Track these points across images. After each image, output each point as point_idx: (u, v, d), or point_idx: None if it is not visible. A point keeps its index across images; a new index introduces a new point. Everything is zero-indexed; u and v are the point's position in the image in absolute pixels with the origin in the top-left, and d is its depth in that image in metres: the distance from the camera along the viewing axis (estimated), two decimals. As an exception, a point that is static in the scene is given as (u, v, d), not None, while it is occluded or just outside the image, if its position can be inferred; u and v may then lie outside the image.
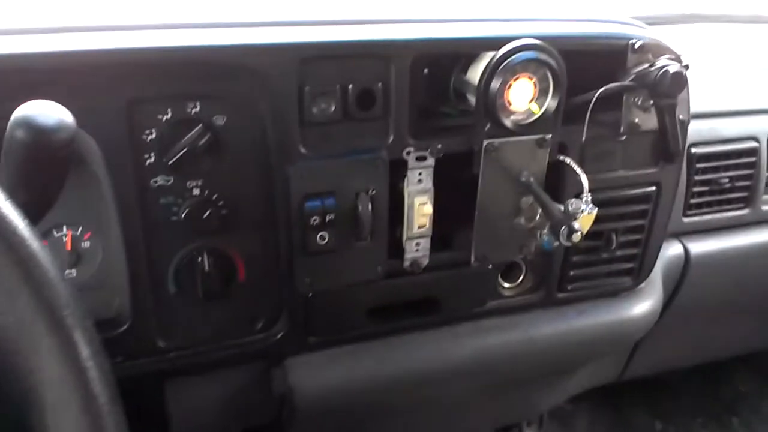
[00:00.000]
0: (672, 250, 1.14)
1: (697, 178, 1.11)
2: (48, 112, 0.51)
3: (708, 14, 1.52)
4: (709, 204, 1.14)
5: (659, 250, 1.01)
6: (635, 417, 1.75)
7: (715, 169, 1.12)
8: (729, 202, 1.16)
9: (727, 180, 1.13)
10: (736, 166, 1.14)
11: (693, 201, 1.12)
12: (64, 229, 0.77)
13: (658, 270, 1.10)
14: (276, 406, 0.91)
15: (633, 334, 1.11)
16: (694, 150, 1.09)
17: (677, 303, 1.20)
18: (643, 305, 1.06)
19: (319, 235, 0.77)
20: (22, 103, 0.51)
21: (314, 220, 0.76)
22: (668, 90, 0.79)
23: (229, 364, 0.86)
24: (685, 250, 1.15)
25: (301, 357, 0.88)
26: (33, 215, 0.52)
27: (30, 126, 0.49)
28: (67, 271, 0.78)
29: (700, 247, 1.16)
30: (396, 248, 0.84)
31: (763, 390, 1.80)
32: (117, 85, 0.67)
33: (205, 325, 0.81)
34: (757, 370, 1.82)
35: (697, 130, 1.08)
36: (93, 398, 0.39)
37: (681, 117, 0.86)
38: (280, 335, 0.84)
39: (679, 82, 0.79)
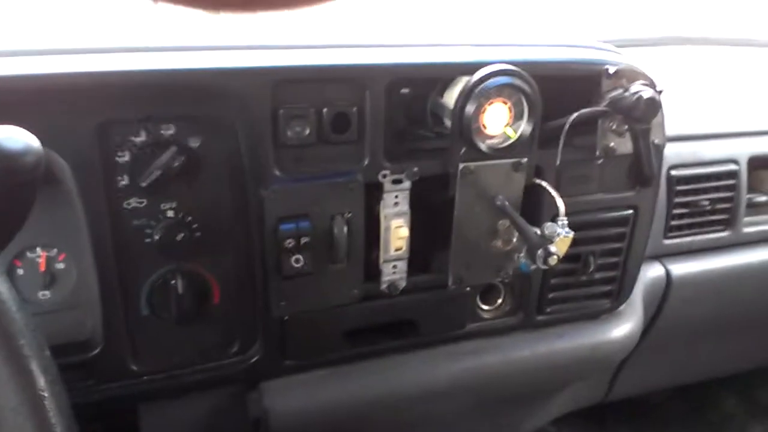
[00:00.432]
0: (653, 271, 1.14)
1: (677, 200, 1.11)
2: (14, 136, 0.51)
3: (691, 37, 1.53)
4: (689, 226, 1.15)
5: (638, 273, 1.02)
6: (622, 439, 1.74)
7: (696, 192, 1.13)
8: (710, 224, 1.16)
9: (707, 202, 1.14)
10: (717, 189, 1.14)
11: (674, 223, 1.13)
12: (38, 250, 0.76)
13: (639, 292, 1.10)
14: (251, 430, 0.90)
15: (613, 357, 1.10)
16: (674, 172, 1.09)
17: (659, 324, 1.20)
18: (623, 327, 1.06)
19: (293, 258, 0.77)
20: None
21: (289, 242, 0.76)
22: (642, 115, 0.80)
23: (203, 388, 0.85)
24: (667, 271, 1.16)
25: (276, 380, 0.87)
26: (-2, 241, 0.52)
27: None
28: (40, 293, 0.77)
29: (681, 268, 1.16)
30: (373, 271, 0.84)
31: (749, 411, 1.80)
32: (89, 108, 0.67)
33: (179, 349, 0.81)
34: (744, 392, 1.81)
35: (677, 152, 1.09)
36: (49, 427, 0.39)
37: (656, 141, 0.87)
38: (255, 358, 0.84)
39: (653, 107, 0.79)
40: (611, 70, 0.82)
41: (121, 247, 0.74)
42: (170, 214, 0.74)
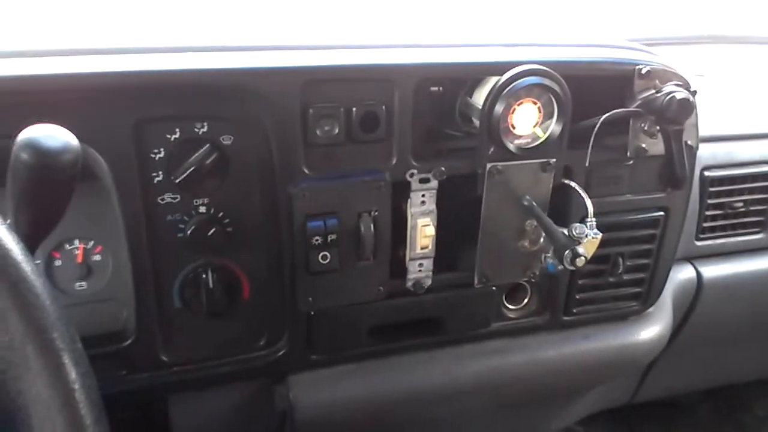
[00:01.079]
0: (684, 273, 1.13)
1: (710, 201, 1.09)
2: (53, 134, 0.53)
3: (727, 35, 1.50)
4: (722, 228, 1.13)
5: (668, 275, 1.00)
6: (649, 440, 1.72)
7: (729, 193, 1.11)
8: (743, 226, 1.14)
9: (741, 204, 1.12)
10: (751, 190, 1.12)
11: (706, 225, 1.11)
12: (76, 242, 0.79)
13: (669, 293, 1.08)
14: (278, 422, 0.92)
15: (641, 359, 1.09)
16: (707, 173, 1.08)
17: (690, 327, 1.19)
18: (652, 330, 1.04)
19: (321, 255, 0.78)
20: (33, 123, 0.53)
21: (316, 240, 0.77)
22: (675, 116, 0.79)
23: (231, 380, 0.87)
24: (698, 273, 1.14)
25: (303, 374, 0.88)
26: (36, 236, 0.54)
27: (35, 148, 0.51)
28: (77, 284, 0.80)
29: (713, 271, 1.15)
30: (399, 268, 0.85)
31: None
32: (126, 106, 0.69)
33: (208, 341, 0.83)
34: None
35: (711, 153, 1.07)
36: (79, 419, 0.40)
37: (689, 142, 0.85)
38: (282, 352, 0.85)
39: (686, 108, 0.78)
40: (643, 70, 0.81)
41: (155, 241, 0.76)
42: (202, 209, 0.76)
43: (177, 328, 0.81)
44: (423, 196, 0.80)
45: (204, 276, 0.78)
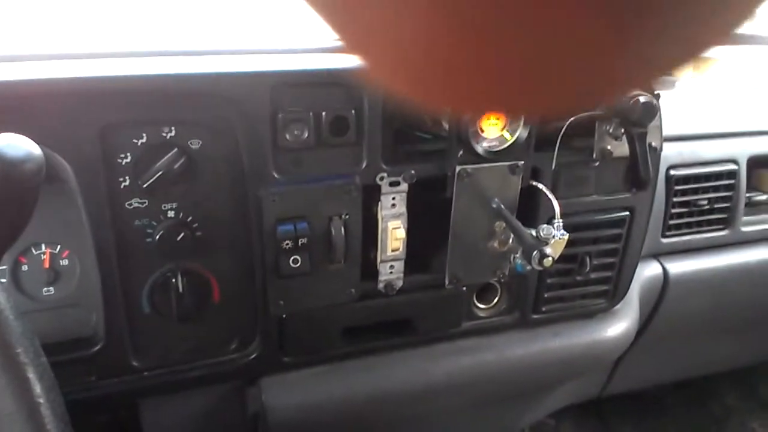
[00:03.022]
0: (650, 270, 1.15)
1: (676, 199, 1.11)
2: (15, 143, 0.52)
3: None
4: (688, 225, 1.15)
5: (634, 273, 1.02)
6: (620, 431, 1.75)
7: (695, 191, 1.13)
8: (708, 223, 1.17)
9: (706, 202, 1.14)
10: (716, 188, 1.14)
11: (672, 222, 1.13)
12: (43, 247, 0.78)
13: (635, 290, 1.11)
14: (250, 425, 0.92)
15: (609, 355, 1.11)
16: (673, 172, 1.10)
17: (656, 322, 1.21)
18: (619, 326, 1.07)
19: (291, 259, 0.78)
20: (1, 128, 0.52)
21: (287, 243, 0.77)
22: (639, 119, 0.80)
23: (203, 384, 0.87)
24: (664, 270, 1.16)
25: (275, 377, 0.89)
26: (0, 245, 0.53)
27: None
28: (44, 289, 0.79)
29: (678, 267, 1.17)
30: (370, 270, 0.85)
31: (750, 405, 1.81)
32: (91, 112, 0.68)
33: (179, 345, 0.82)
34: (744, 385, 1.82)
35: (677, 152, 1.10)
36: (44, 433, 0.40)
37: (653, 144, 0.87)
38: (254, 355, 0.85)
39: (650, 111, 0.80)
40: (609, 73, 0.82)
41: (123, 246, 0.75)
42: (171, 214, 0.76)
43: (147, 333, 0.80)
44: (393, 199, 0.81)
45: (173, 280, 0.78)
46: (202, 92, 0.71)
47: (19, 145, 0.52)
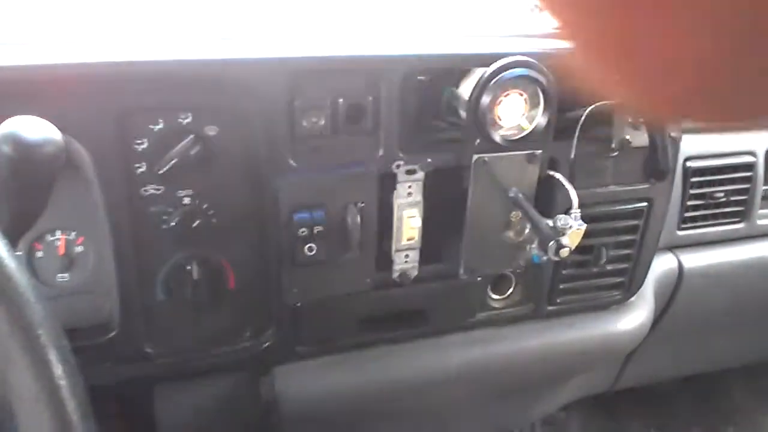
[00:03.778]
0: (666, 262, 1.14)
1: (692, 191, 1.10)
2: (35, 127, 0.52)
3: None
4: (704, 218, 1.14)
5: (650, 265, 1.01)
6: (630, 425, 1.75)
7: (711, 183, 1.12)
8: (724, 216, 1.15)
9: (722, 194, 1.13)
10: (732, 181, 1.13)
11: (688, 214, 1.12)
12: (58, 233, 0.78)
13: (650, 283, 1.10)
14: (264, 413, 0.92)
15: (622, 348, 1.11)
16: (689, 164, 1.09)
17: (670, 315, 1.20)
18: (634, 319, 1.06)
19: (307, 247, 0.77)
20: (15, 113, 0.52)
21: (303, 231, 0.76)
22: (659, 108, 0.79)
23: (216, 371, 0.87)
24: (679, 263, 1.15)
25: (289, 365, 0.88)
26: (18, 229, 0.53)
27: (17, 141, 0.50)
28: (59, 275, 0.79)
29: (694, 260, 1.16)
30: (385, 260, 0.85)
31: (759, 402, 1.80)
32: (108, 97, 0.68)
33: (193, 333, 0.82)
34: (754, 383, 1.81)
35: (693, 144, 1.08)
36: (65, 416, 0.40)
37: (672, 134, 0.86)
38: (268, 344, 0.85)
39: (670, 100, 0.79)
40: (629, 62, 0.81)
41: (139, 233, 0.75)
42: (187, 201, 0.75)
43: (161, 320, 0.80)
44: (409, 187, 0.80)
45: (188, 268, 0.78)
46: (219, 78, 0.70)
47: (38, 128, 0.52)
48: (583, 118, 0.79)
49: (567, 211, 0.82)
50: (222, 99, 0.71)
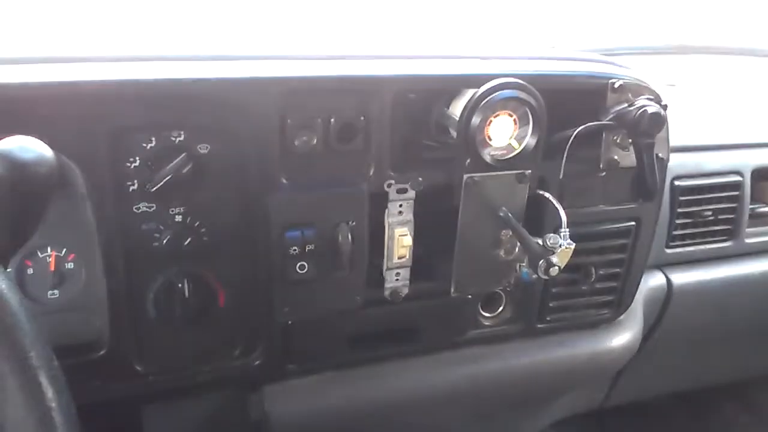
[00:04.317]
0: (654, 280, 1.15)
1: (680, 210, 1.12)
2: (27, 146, 0.52)
3: (698, 45, 1.54)
4: (692, 236, 1.15)
5: (639, 284, 1.02)
6: (620, 442, 1.75)
7: (699, 202, 1.13)
8: (712, 234, 1.17)
9: (710, 213, 1.15)
10: (720, 200, 1.15)
11: (676, 233, 1.14)
12: (49, 249, 0.78)
13: (640, 300, 1.11)
14: (253, 431, 0.92)
15: (612, 365, 1.11)
16: (677, 183, 1.10)
17: (659, 333, 1.21)
18: (623, 337, 1.06)
19: (298, 265, 0.78)
20: (7, 132, 0.52)
21: (294, 249, 0.77)
22: (647, 130, 0.81)
23: (206, 390, 0.87)
24: (668, 280, 1.16)
25: (279, 384, 0.88)
26: (10, 248, 0.53)
27: (9, 161, 0.50)
28: (49, 292, 0.78)
29: (682, 278, 1.17)
30: (376, 278, 0.85)
31: (750, 418, 1.80)
32: (101, 115, 0.68)
33: (183, 350, 0.82)
34: (744, 399, 1.82)
35: (681, 163, 1.10)
36: (55, 437, 0.40)
37: (660, 155, 0.87)
38: (258, 362, 0.85)
39: (657, 122, 0.80)
40: (616, 84, 0.83)
41: (130, 250, 0.75)
42: (178, 218, 0.76)
43: (151, 338, 0.80)
44: (400, 206, 0.81)
45: (179, 285, 0.78)
46: (211, 97, 0.71)
47: (31, 147, 0.52)
48: (572, 138, 0.80)
49: (556, 230, 0.82)
50: (214, 117, 0.72)
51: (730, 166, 1.15)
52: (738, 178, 1.15)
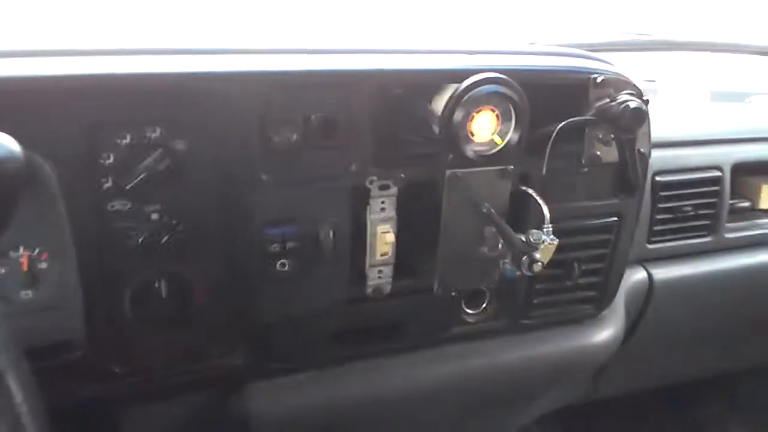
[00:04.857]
0: (636, 276, 1.16)
1: (661, 205, 1.12)
2: None
3: (679, 41, 1.54)
4: (673, 231, 1.16)
5: (621, 279, 1.02)
6: (604, 437, 1.76)
7: (679, 197, 1.14)
8: (692, 229, 1.17)
9: (690, 208, 1.15)
10: (700, 195, 1.15)
11: (657, 228, 1.14)
12: (21, 249, 0.75)
13: (622, 296, 1.11)
14: (236, 431, 0.90)
15: (595, 360, 1.11)
16: (658, 178, 1.10)
17: (642, 327, 1.22)
18: (606, 332, 1.07)
19: (279, 263, 0.77)
20: None
21: (275, 247, 0.76)
22: (629, 125, 0.80)
23: (186, 390, 0.85)
24: (649, 276, 1.17)
25: (261, 383, 0.87)
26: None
27: None
28: (22, 292, 0.76)
29: (663, 273, 1.18)
30: (359, 275, 0.84)
31: (732, 412, 1.82)
32: (74, 110, 0.66)
33: (162, 351, 0.80)
34: (726, 393, 1.84)
35: (661, 158, 1.10)
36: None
37: (641, 150, 0.87)
38: (240, 361, 0.83)
39: (639, 117, 0.80)
40: (599, 79, 0.83)
41: (105, 249, 0.73)
42: (155, 216, 0.74)
43: (129, 338, 0.78)
44: (383, 202, 0.80)
45: (156, 285, 0.76)
46: (188, 92, 0.69)
47: None
48: (554, 134, 0.79)
49: (539, 226, 0.82)
50: (192, 112, 0.70)
51: (709, 161, 1.16)
52: (717, 173, 1.16)
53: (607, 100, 0.82)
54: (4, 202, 0.53)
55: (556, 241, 0.81)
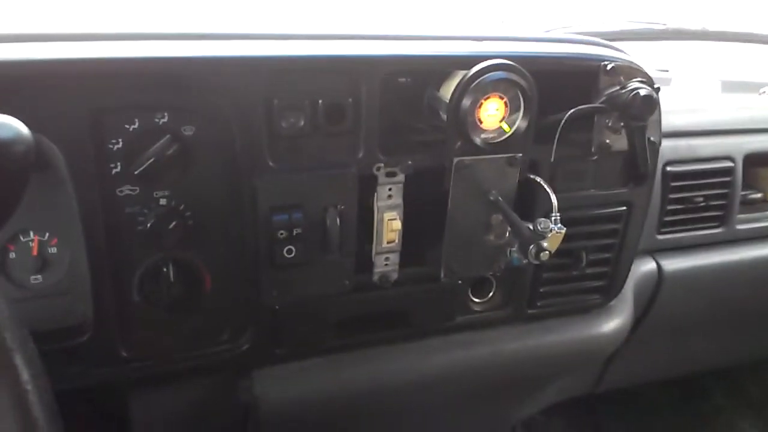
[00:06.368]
0: (645, 266, 1.15)
1: (671, 196, 1.11)
2: (3, 123, 0.51)
3: (693, 31, 1.52)
4: (683, 222, 1.15)
5: (629, 269, 1.02)
6: (611, 428, 1.76)
7: (690, 188, 1.13)
8: (703, 220, 1.16)
9: (701, 199, 1.14)
10: (711, 185, 1.14)
11: (667, 219, 1.13)
12: (31, 234, 0.76)
13: (630, 286, 1.10)
14: (241, 416, 0.91)
15: (602, 351, 1.11)
16: (669, 168, 1.09)
17: (650, 318, 1.21)
18: (613, 322, 1.06)
19: (285, 249, 0.77)
20: None
21: (281, 233, 0.76)
22: (639, 113, 0.80)
23: (193, 375, 0.86)
24: (659, 266, 1.16)
25: (267, 368, 0.87)
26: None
27: None
28: (32, 277, 0.77)
29: (673, 264, 1.17)
30: (365, 262, 0.84)
31: (738, 404, 1.81)
32: (82, 95, 0.66)
33: (169, 336, 0.81)
34: (733, 385, 1.83)
35: (673, 148, 1.09)
36: (31, 420, 0.39)
37: (652, 138, 0.86)
38: (246, 346, 0.84)
39: (649, 104, 0.79)
40: (608, 66, 0.82)
41: (114, 234, 0.74)
42: (163, 202, 0.74)
43: (136, 323, 0.79)
44: (390, 189, 0.80)
45: (164, 269, 0.77)
46: (196, 77, 0.69)
47: (7, 126, 0.50)
48: (563, 121, 0.79)
49: (547, 215, 0.82)
50: (199, 98, 0.70)
51: (722, 151, 1.14)
52: (729, 164, 1.14)
53: (617, 87, 0.81)
54: (14, 184, 0.54)
55: (564, 230, 0.81)
